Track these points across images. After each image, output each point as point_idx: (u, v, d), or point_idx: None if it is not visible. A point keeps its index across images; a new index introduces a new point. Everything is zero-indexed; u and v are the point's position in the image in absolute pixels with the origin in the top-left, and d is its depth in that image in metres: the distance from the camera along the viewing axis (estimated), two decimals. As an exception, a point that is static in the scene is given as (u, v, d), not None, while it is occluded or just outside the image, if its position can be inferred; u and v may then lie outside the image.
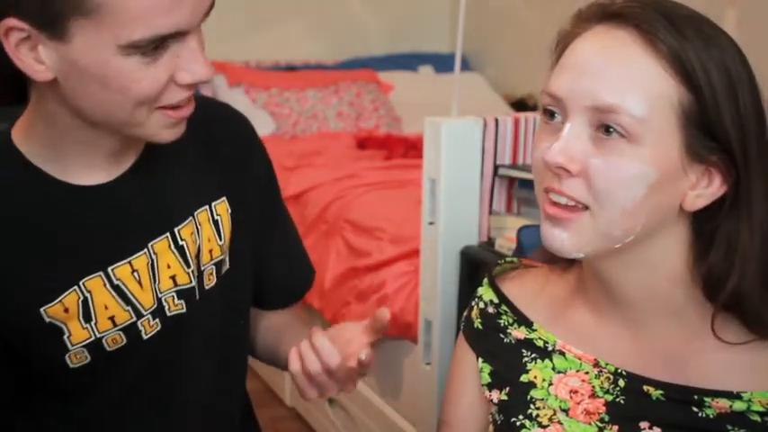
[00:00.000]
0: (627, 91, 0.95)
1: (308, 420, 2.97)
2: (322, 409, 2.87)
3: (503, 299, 1.18)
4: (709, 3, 1.31)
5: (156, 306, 1.16)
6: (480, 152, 1.97)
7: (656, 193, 0.97)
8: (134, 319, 1.15)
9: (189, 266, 1.18)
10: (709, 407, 1.02)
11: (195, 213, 1.20)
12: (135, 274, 1.14)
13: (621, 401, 1.07)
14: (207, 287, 1.21)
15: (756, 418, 1.01)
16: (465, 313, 1.24)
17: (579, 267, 1.12)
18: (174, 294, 1.18)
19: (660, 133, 0.95)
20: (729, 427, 1.02)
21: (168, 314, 1.17)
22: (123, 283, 1.14)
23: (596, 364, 1.09)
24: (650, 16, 0.96)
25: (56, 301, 1.10)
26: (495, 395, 1.15)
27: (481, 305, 1.20)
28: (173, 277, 1.18)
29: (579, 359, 1.10)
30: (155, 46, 1.00)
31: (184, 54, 1.02)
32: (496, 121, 1.97)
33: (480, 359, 1.17)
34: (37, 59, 1.01)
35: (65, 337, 1.11)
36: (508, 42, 4.21)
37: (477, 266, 1.90)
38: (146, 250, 1.15)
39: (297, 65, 4.10)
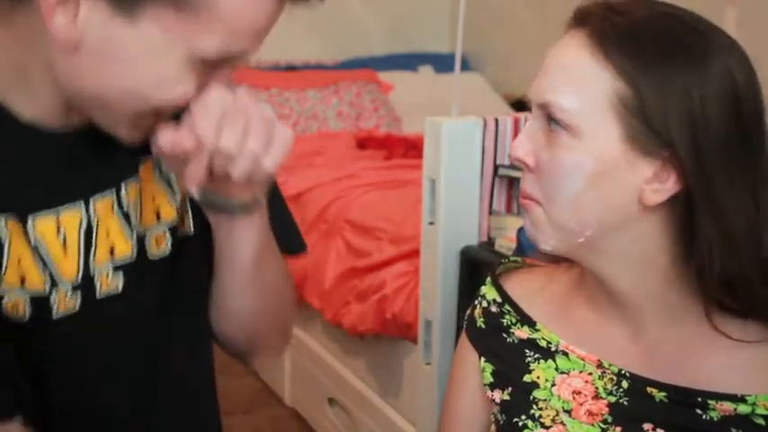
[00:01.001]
0: (561, 86, 0.99)
1: (308, 420, 2.97)
2: (322, 409, 2.87)
3: (506, 298, 1.18)
4: (710, 2, 1.31)
5: (80, 281, 0.99)
6: (480, 152, 1.97)
7: (598, 184, 0.99)
8: (47, 291, 0.98)
9: (132, 232, 1.02)
10: (714, 409, 1.02)
11: (140, 167, 1.04)
12: (60, 232, 0.98)
13: (625, 403, 1.07)
14: (152, 258, 1.05)
15: (761, 421, 1.01)
16: (468, 312, 1.24)
17: (580, 270, 1.12)
18: (110, 270, 1.02)
19: (597, 125, 0.98)
20: (734, 430, 1.01)
21: (98, 296, 1.01)
22: (42, 241, 0.97)
23: (600, 365, 1.09)
24: (601, 16, 0.99)
25: None
26: (498, 395, 1.15)
27: (484, 304, 1.20)
28: (111, 249, 1.01)
29: (582, 360, 1.10)
30: (212, 63, 0.92)
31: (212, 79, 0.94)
32: (496, 121, 1.97)
33: (482, 358, 1.17)
34: (71, 15, 0.89)
35: None
36: (508, 42, 4.21)
37: (477, 266, 1.90)
38: (82, 204, 0.99)
39: (297, 65, 4.10)
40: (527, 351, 1.14)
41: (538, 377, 1.12)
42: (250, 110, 0.95)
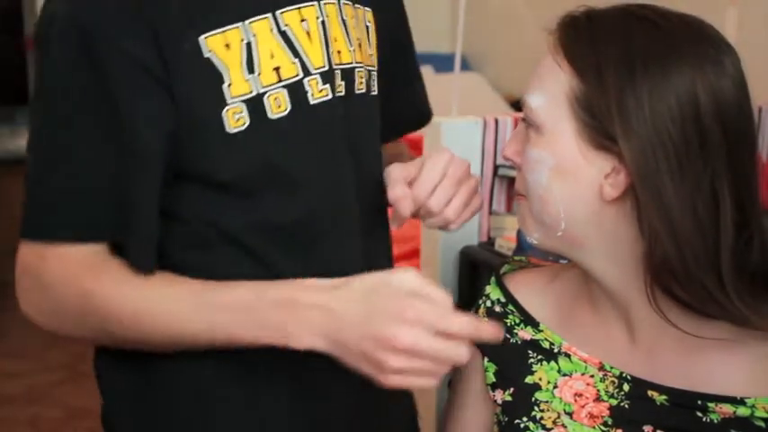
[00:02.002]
0: (532, 87, 1.05)
1: (309, 420, 2.96)
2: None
3: (510, 298, 1.18)
4: (710, 2, 1.31)
5: (327, 68, 1.08)
6: (480, 152, 1.96)
7: (559, 178, 1.03)
8: (301, 75, 1.06)
9: (351, 45, 1.12)
10: (713, 412, 1.02)
11: (354, 4, 1.15)
12: (304, 23, 1.07)
13: (626, 406, 1.07)
14: (357, 92, 1.14)
15: (761, 423, 1.01)
16: (471, 311, 1.24)
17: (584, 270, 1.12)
18: (339, 72, 1.10)
19: (555, 121, 1.02)
20: None
21: (337, 90, 1.09)
22: (291, 30, 1.06)
23: (601, 368, 1.09)
24: (571, 21, 1.04)
25: (217, 31, 1.01)
26: (500, 395, 1.15)
27: (488, 304, 1.20)
28: (339, 52, 1.10)
29: (585, 362, 1.10)
30: None
31: None
32: (496, 121, 1.97)
33: (485, 358, 1.17)
34: None
35: (224, 85, 1.01)
36: (508, 42, 4.21)
37: (476, 266, 1.90)
38: (316, 3, 1.08)
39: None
40: (530, 352, 1.14)
41: (540, 379, 1.12)
42: (461, 183, 1.13)
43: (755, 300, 1.00)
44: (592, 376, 1.09)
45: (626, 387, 1.07)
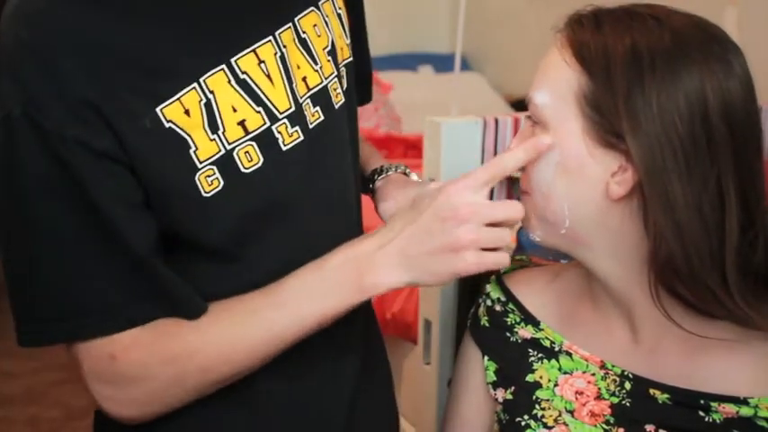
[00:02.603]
0: (538, 84, 1.05)
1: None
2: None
3: (510, 297, 1.18)
4: (710, 2, 1.31)
5: (294, 109, 1.04)
6: (480, 152, 1.96)
7: (565, 176, 1.02)
8: (268, 123, 1.02)
9: (317, 63, 1.08)
10: (716, 411, 1.02)
11: (319, 3, 1.10)
12: (262, 66, 1.02)
13: (627, 404, 1.06)
14: (336, 106, 1.11)
15: (763, 423, 1.01)
16: (472, 310, 1.24)
17: (586, 269, 1.12)
18: (309, 100, 1.06)
19: (561, 117, 1.02)
20: None
21: (310, 125, 1.06)
22: (250, 77, 1.01)
23: (603, 366, 1.09)
24: (579, 20, 1.04)
25: (173, 99, 0.97)
26: (500, 394, 1.15)
27: (488, 303, 1.20)
28: (304, 79, 1.06)
29: (586, 360, 1.10)
30: None
31: None
32: (496, 121, 1.97)
33: (486, 357, 1.17)
34: None
35: (191, 151, 0.98)
36: (508, 42, 4.21)
37: (476, 266, 1.90)
38: (271, 38, 1.03)
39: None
40: (530, 350, 1.14)
41: (541, 377, 1.12)
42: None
43: (758, 300, 1.00)
44: (593, 374, 1.09)
45: (627, 385, 1.07)
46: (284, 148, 1.03)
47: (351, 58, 1.16)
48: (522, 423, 1.11)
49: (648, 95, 0.97)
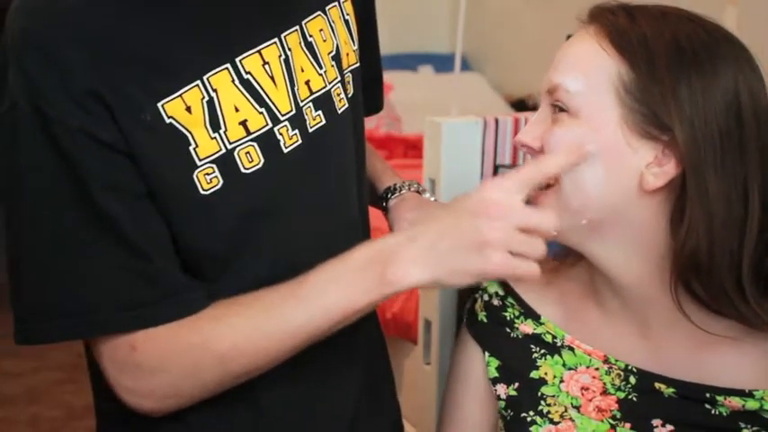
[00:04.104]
0: (569, 70, 1.03)
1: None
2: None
3: (509, 291, 1.18)
4: (710, 1, 1.31)
5: (294, 112, 1.04)
6: (480, 152, 1.96)
7: (597, 163, 1.01)
8: (270, 125, 1.02)
9: (321, 68, 1.08)
10: (722, 405, 1.02)
11: (326, 8, 1.10)
12: (266, 67, 1.02)
13: (634, 399, 1.07)
14: (339, 111, 1.10)
15: None
16: (467, 306, 1.24)
17: (588, 265, 1.12)
18: (311, 104, 1.06)
19: (597, 106, 1.01)
20: (743, 425, 1.02)
21: (310, 129, 1.05)
22: (254, 78, 1.01)
23: (606, 361, 1.09)
24: (612, 11, 1.03)
25: (175, 95, 0.97)
26: (503, 390, 1.15)
27: (485, 297, 1.20)
28: (307, 83, 1.06)
29: (589, 355, 1.10)
30: None
31: None
32: (496, 121, 1.97)
33: (487, 353, 1.17)
34: None
35: (191, 148, 0.98)
36: (508, 42, 4.21)
37: (477, 266, 1.90)
38: (276, 40, 1.03)
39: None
40: (533, 346, 1.14)
41: (545, 373, 1.12)
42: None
43: (767, 301, 1.01)
44: (597, 369, 1.09)
45: (632, 380, 1.07)
46: (285, 151, 1.03)
47: (357, 64, 1.16)
48: (528, 419, 1.11)
49: (694, 88, 0.98)
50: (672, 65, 0.98)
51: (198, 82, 0.98)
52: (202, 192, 0.99)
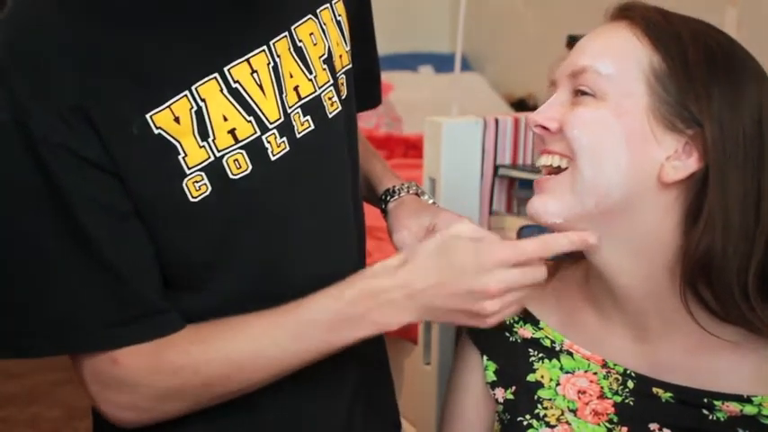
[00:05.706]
0: (599, 54, 1.02)
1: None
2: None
3: None
4: (710, 2, 1.31)
5: (282, 120, 1.04)
6: (480, 152, 1.96)
7: (624, 148, 1.00)
8: (258, 133, 1.02)
9: (311, 72, 1.07)
10: (720, 410, 1.02)
11: (317, 11, 1.09)
12: (255, 75, 1.02)
13: (631, 403, 1.07)
14: (330, 116, 1.10)
15: (767, 421, 1.01)
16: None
17: (585, 268, 1.12)
18: (300, 110, 1.06)
19: (625, 92, 1.00)
20: (740, 431, 1.01)
21: (298, 135, 1.05)
22: (242, 86, 1.01)
23: (604, 365, 1.09)
24: (643, 7, 1.04)
25: (164, 107, 0.97)
26: (501, 394, 1.15)
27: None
28: (296, 89, 1.05)
29: (587, 360, 1.10)
30: None
31: None
32: (496, 121, 1.97)
33: (485, 357, 1.17)
34: None
35: (180, 157, 0.98)
36: (508, 42, 4.21)
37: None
38: (265, 48, 1.03)
39: (297, 65, 4.09)
40: (531, 350, 1.14)
41: (542, 376, 1.12)
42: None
43: None
44: (595, 373, 1.09)
45: (630, 384, 1.07)
46: (273, 158, 1.04)
47: (350, 65, 1.15)
48: (525, 423, 1.11)
49: (725, 90, 0.99)
50: (705, 64, 0.99)
51: (186, 92, 0.98)
52: (192, 200, 1.00)
